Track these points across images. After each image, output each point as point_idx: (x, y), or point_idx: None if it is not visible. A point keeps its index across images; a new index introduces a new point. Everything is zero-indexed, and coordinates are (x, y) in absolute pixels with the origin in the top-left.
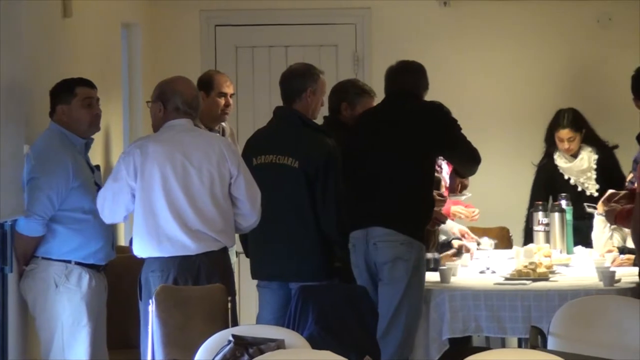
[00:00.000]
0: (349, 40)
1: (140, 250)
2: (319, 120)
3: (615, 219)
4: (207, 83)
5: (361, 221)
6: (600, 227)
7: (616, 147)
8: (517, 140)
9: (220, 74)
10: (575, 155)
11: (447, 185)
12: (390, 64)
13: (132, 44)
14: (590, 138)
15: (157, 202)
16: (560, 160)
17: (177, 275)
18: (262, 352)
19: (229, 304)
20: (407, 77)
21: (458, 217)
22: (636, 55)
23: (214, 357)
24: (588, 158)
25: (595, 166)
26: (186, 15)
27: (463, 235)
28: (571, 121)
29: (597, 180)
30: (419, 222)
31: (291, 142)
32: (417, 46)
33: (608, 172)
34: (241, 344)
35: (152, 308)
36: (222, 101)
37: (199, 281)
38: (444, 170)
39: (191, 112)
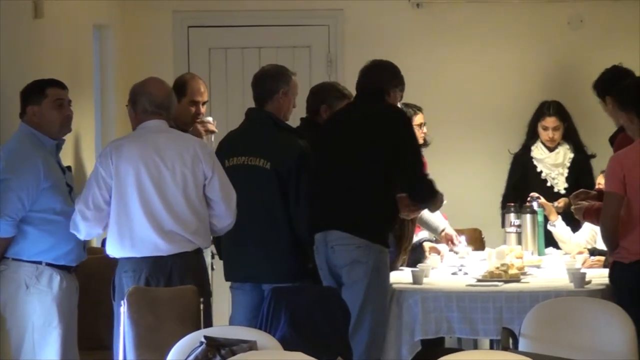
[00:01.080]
0: (322, 41)
1: (114, 250)
2: (296, 121)
3: (583, 215)
4: (181, 88)
5: (321, 224)
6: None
7: (594, 156)
8: (491, 141)
9: (195, 80)
10: (553, 150)
11: None
12: (363, 64)
13: (104, 45)
14: (570, 135)
15: (131, 202)
16: (537, 151)
17: (149, 276)
18: (234, 354)
19: (202, 305)
20: (375, 75)
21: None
22: (607, 56)
23: (186, 359)
24: (564, 154)
25: (569, 164)
26: (159, 16)
27: (450, 240)
28: (557, 111)
29: (567, 179)
30: (378, 225)
31: (263, 144)
32: (390, 48)
33: (579, 174)
34: (213, 345)
35: (124, 309)
36: (193, 109)
37: (171, 282)
38: None
39: (161, 112)
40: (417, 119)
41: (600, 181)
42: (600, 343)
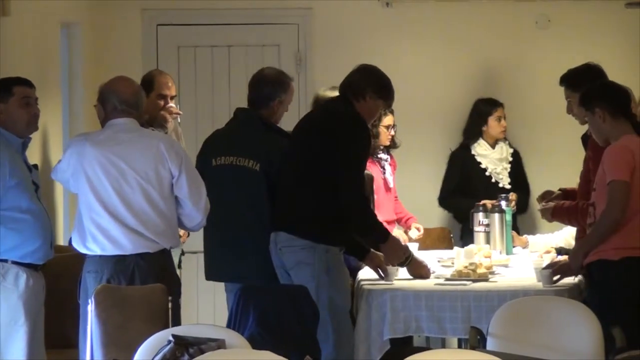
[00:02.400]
0: (291, 40)
1: (77, 244)
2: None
3: (552, 214)
4: (148, 83)
5: (273, 225)
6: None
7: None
8: (455, 142)
9: (162, 75)
10: (493, 146)
11: (391, 185)
12: (332, 63)
13: (72, 44)
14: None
15: (93, 201)
16: (479, 148)
17: (111, 276)
18: (202, 352)
19: (170, 304)
20: (357, 76)
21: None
22: (574, 55)
23: (154, 357)
24: (506, 149)
25: (511, 158)
26: (128, 14)
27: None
28: (500, 103)
29: (509, 174)
30: (322, 226)
31: (253, 145)
32: (359, 47)
33: (518, 169)
34: (181, 343)
35: (91, 308)
36: (161, 103)
37: (133, 282)
38: (387, 171)
39: (131, 110)
40: (386, 120)
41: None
42: (567, 342)
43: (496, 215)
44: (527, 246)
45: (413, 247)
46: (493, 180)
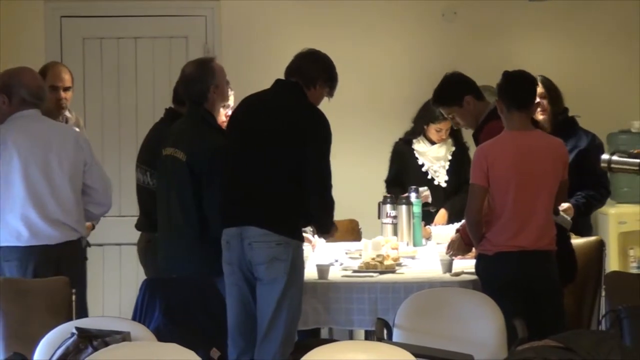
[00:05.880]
0: (199, 32)
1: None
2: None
3: (460, 236)
4: (42, 74)
5: (235, 219)
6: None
7: (468, 148)
8: (366, 132)
9: (56, 66)
10: (432, 144)
11: None
12: (241, 55)
13: None
14: (452, 130)
15: (18, 191)
16: (418, 145)
17: (37, 266)
18: (106, 345)
19: (74, 297)
20: (306, 63)
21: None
22: (481, 48)
23: (56, 350)
24: (447, 148)
25: (450, 157)
26: (31, 6)
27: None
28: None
29: (448, 172)
30: (296, 221)
31: (185, 136)
32: (267, 39)
33: (459, 167)
34: (85, 336)
35: None
36: (53, 95)
37: (60, 271)
38: None
39: (38, 102)
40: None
41: None
42: (472, 333)
43: (403, 207)
44: (431, 237)
45: (320, 241)
46: (429, 177)
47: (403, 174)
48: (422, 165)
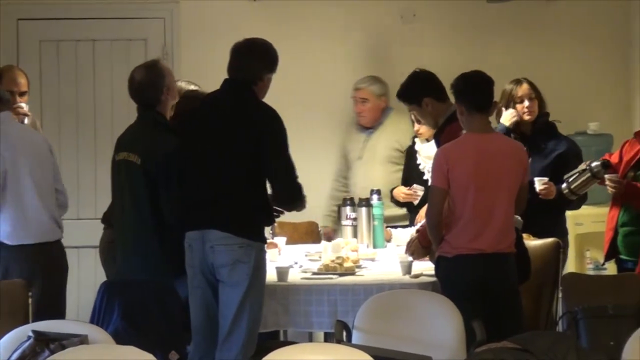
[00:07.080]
0: (158, 34)
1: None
2: None
3: (418, 238)
4: None
5: (197, 223)
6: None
7: None
8: (325, 134)
9: (11, 70)
10: (425, 142)
11: None
12: (200, 57)
13: None
14: None
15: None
16: (417, 145)
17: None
18: (64, 348)
19: (30, 300)
20: (248, 60)
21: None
22: (439, 50)
23: (12, 354)
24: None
25: None
26: None
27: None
28: None
29: None
30: (258, 223)
31: (139, 139)
32: (227, 41)
33: None
34: (42, 339)
35: None
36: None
37: (39, 271)
38: None
39: (3, 105)
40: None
41: None
42: (431, 334)
43: (363, 210)
44: (391, 239)
45: (280, 241)
46: (425, 177)
47: (408, 174)
48: (419, 164)
